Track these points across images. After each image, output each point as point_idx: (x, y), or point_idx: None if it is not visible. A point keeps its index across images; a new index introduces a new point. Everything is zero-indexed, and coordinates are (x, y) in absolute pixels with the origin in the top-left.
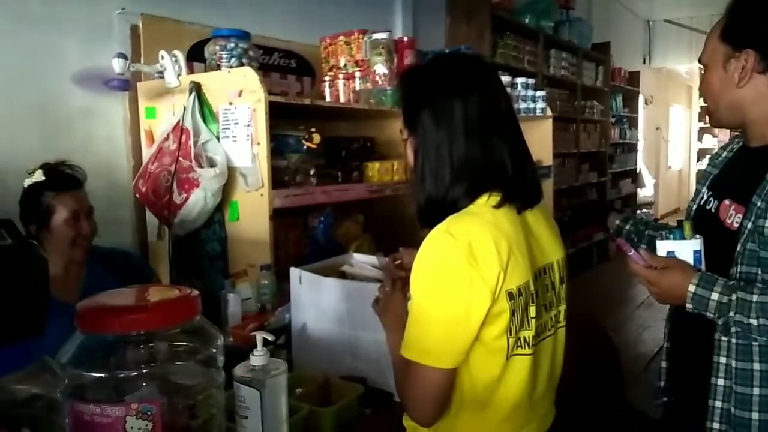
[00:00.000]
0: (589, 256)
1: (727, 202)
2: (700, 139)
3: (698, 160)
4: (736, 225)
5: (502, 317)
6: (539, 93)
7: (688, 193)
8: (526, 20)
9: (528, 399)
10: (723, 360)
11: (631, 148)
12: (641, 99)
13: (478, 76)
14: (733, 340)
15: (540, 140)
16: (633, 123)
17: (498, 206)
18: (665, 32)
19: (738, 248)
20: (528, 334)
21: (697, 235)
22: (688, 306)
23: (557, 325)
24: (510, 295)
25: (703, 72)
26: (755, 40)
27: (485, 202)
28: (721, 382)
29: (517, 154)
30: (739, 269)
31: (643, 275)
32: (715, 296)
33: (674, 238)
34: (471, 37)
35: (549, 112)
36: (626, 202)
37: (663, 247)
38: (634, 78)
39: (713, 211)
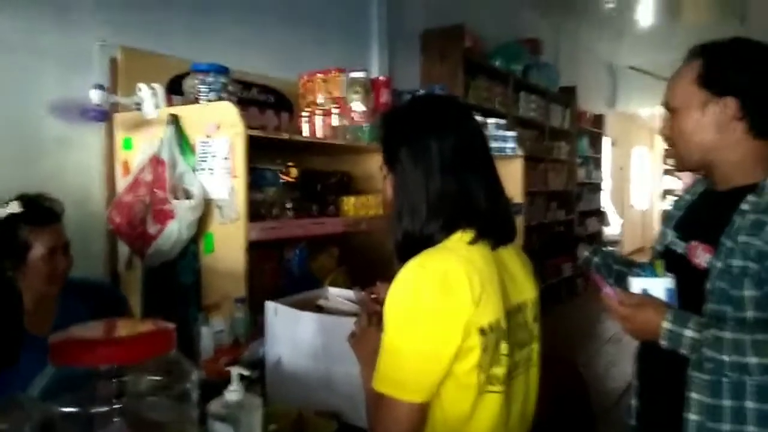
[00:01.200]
0: (558, 292)
1: (694, 243)
2: (662, 180)
3: (662, 200)
4: (705, 264)
5: (473, 353)
6: (510, 133)
7: (653, 231)
8: (497, 63)
9: None
10: (695, 396)
11: (597, 188)
12: (606, 140)
13: (453, 116)
14: (705, 377)
15: (511, 178)
16: (598, 163)
17: (472, 242)
18: (629, 77)
19: (708, 286)
20: (499, 371)
21: (669, 274)
22: (663, 343)
23: (529, 364)
24: (482, 332)
25: (669, 115)
26: (737, 89)
27: (459, 238)
28: (693, 417)
29: (492, 192)
30: (709, 307)
31: (617, 312)
32: (689, 333)
33: (646, 276)
34: (444, 77)
35: (519, 152)
36: (593, 240)
37: (636, 284)
38: (599, 120)
39: (680, 251)
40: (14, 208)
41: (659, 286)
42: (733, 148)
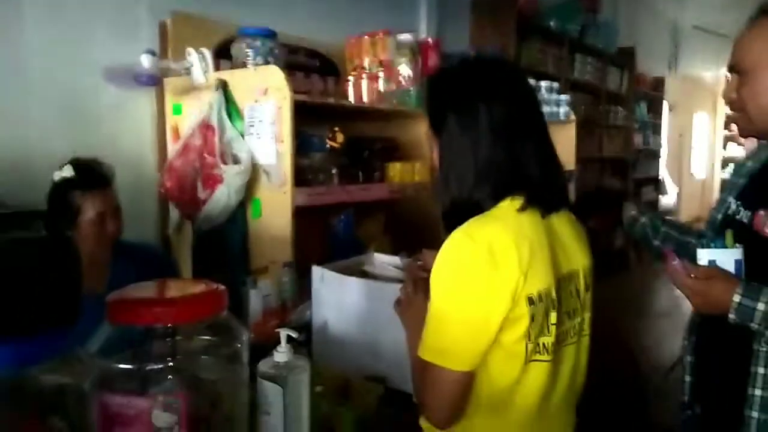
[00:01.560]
0: (608, 263)
1: (761, 212)
2: (724, 147)
3: (722, 169)
4: None
5: (521, 322)
6: (563, 97)
7: (712, 202)
8: (551, 24)
9: (546, 406)
10: (761, 370)
11: (654, 155)
12: (666, 105)
13: (503, 80)
14: None
15: (563, 145)
16: (657, 130)
17: (521, 209)
18: (692, 38)
19: None
20: (548, 340)
21: (738, 245)
22: (731, 316)
23: (581, 333)
24: (530, 300)
25: (737, 77)
26: None
27: (508, 205)
28: (758, 392)
29: (543, 158)
30: None
31: (687, 285)
32: (761, 306)
33: (715, 247)
34: (495, 39)
35: (572, 117)
36: (648, 210)
37: (704, 255)
38: (659, 84)
39: (745, 221)
40: (68, 172)
41: (729, 257)
42: None
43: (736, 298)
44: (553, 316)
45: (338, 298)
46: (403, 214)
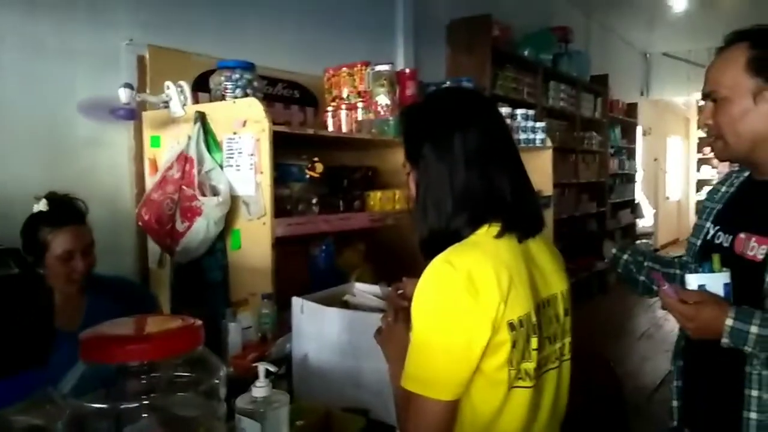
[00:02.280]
0: (589, 287)
1: (742, 235)
2: (698, 169)
3: (697, 191)
4: (760, 257)
5: (503, 348)
6: (539, 124)
7: (688, 222)
8: (526, 53)
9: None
10: (755, 393)
11: (630, 179)
12: (639, 130)
13: (475, 109)
14: (765, 372)
15: (540, 170)
16: (631, 154)
17: (498, 236)
18: (663, 65)
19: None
20: (529, 366)
21: (725, 269)
22: (724, 340)
23: (562, 358)
24: (511, 326)
25: (712, 104)
26: None
27: (486, 232)
28: (754, 415)
29: (517, 184)
30: None
31: (679, 310)
32: (754, 329)
33: (703, 271)
34: (471, 69)
35: (549, 143)
36: (626, 233)
37: (693, 280)
38: (632, 109)
39: (726, 245)
40: (43, 206)
41: (717, 281)
42: None
43: (729, 322)
44: (534, 342)
45: (319, 329)
46: (383, 242)
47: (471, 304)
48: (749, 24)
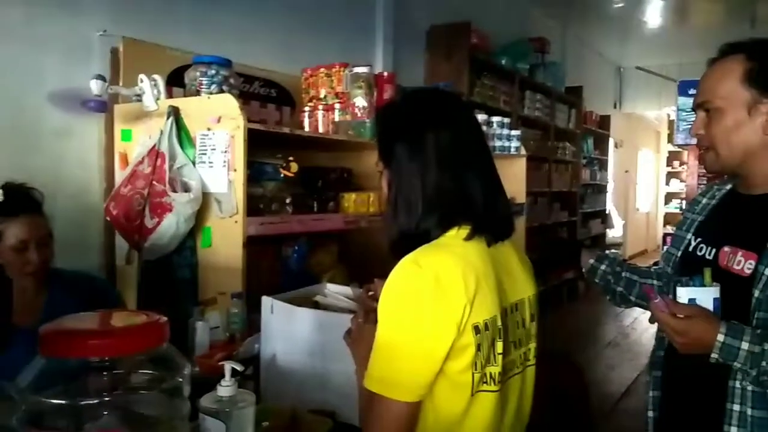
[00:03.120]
0: (559, 294)
1: (727, 248)
2: (667, 183)
3: (666, 204)
4: (747, 271)
5: (467, 351)
6: (514, 132)
7: (656, 234)
8: (503, 62)
9: None
10: (737, 408)
11: (601, 190)
12: (611, 142)
13: (449, 110)
14: (749, 387)
15: (514, 178)
16: (603, 165)
17: (468, 238)
18: (635, 79)
19: (756, 294)
20: (494, 370)
21: (715, 283)
22: (714, 356)
23: (526, 363)
24: (476, 329)
25: (705, 115)
26: None
27: (455, 234)
28: (734, 430)
29: (490, 187)
30: (760, 315)
31: (671, 325)
32: (745, 345)
33: (694, 285)
34: (450, 75)
35: (523, 151)
36: (595, 242)
37: (684, 294)
38: (605, 121)
39: (709, 257)
40: None
41: (708, 296)
42: None
43: (720, 337)
44: (499, 346)
45: (288, 330)
46: (357, 244)
47: (436, 305)
48: (720, 41)
